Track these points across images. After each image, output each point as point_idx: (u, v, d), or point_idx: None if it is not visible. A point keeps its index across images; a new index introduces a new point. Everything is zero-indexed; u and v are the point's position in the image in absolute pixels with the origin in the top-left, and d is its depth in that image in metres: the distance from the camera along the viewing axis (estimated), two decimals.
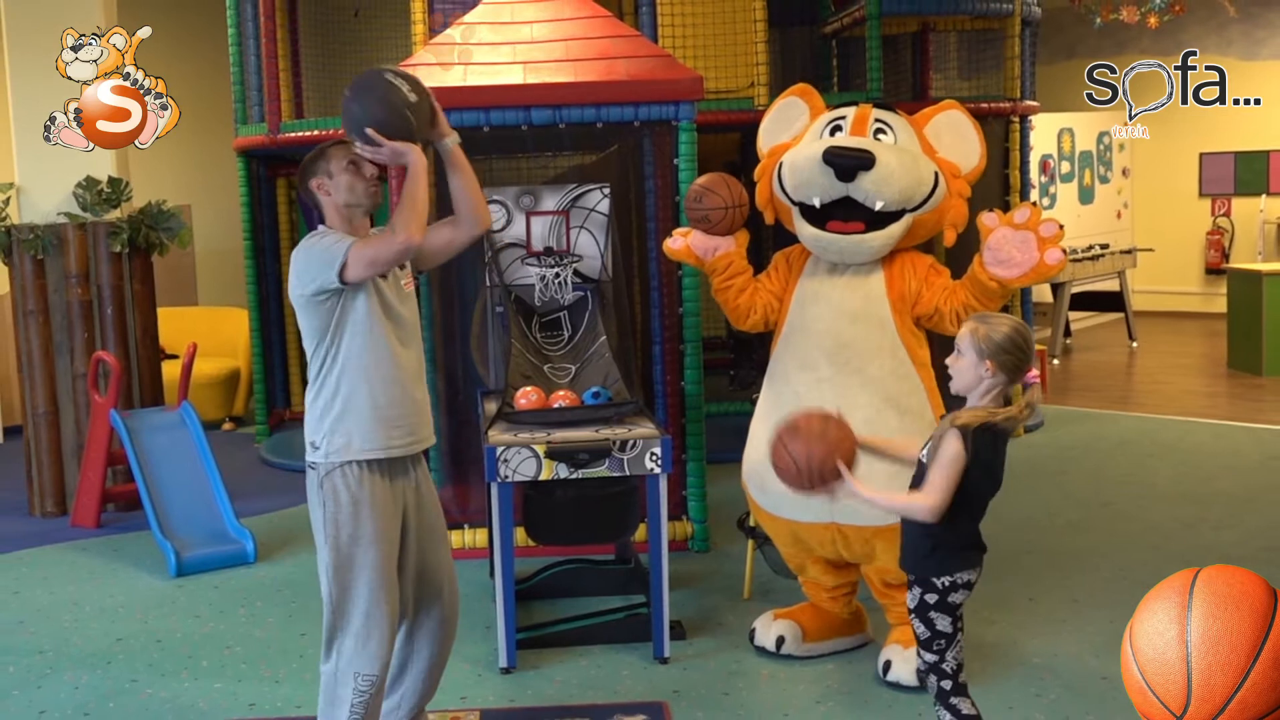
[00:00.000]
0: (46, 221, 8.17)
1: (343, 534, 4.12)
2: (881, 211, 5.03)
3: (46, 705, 5.20)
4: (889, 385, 5.04)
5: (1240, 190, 15.96)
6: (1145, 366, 12.92)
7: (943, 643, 3.97)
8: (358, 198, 4.29)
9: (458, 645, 5.63)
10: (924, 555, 3.98)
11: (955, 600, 3.95)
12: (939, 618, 3.96)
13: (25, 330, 8.25)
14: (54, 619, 6.27)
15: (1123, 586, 6.18)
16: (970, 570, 3.98)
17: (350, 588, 4.13)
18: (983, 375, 3.87)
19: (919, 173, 5.07)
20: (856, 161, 4.98)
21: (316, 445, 4.17)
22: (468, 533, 6.83)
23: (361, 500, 4.13)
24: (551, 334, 6.19)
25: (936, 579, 3.95)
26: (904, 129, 5.23)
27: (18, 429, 9.18)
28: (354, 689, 4.13)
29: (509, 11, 6.77)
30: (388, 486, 4.20)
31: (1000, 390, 3.91)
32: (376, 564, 4.14)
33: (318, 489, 4.17)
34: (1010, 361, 3.86)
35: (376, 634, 4.13)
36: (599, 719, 4.86)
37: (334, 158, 4.29)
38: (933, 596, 3.96)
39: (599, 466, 5.22)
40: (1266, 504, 7.53)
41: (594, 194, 6.27)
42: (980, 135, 5.21)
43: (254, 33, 9.82)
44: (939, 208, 5.12)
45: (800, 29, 10.28)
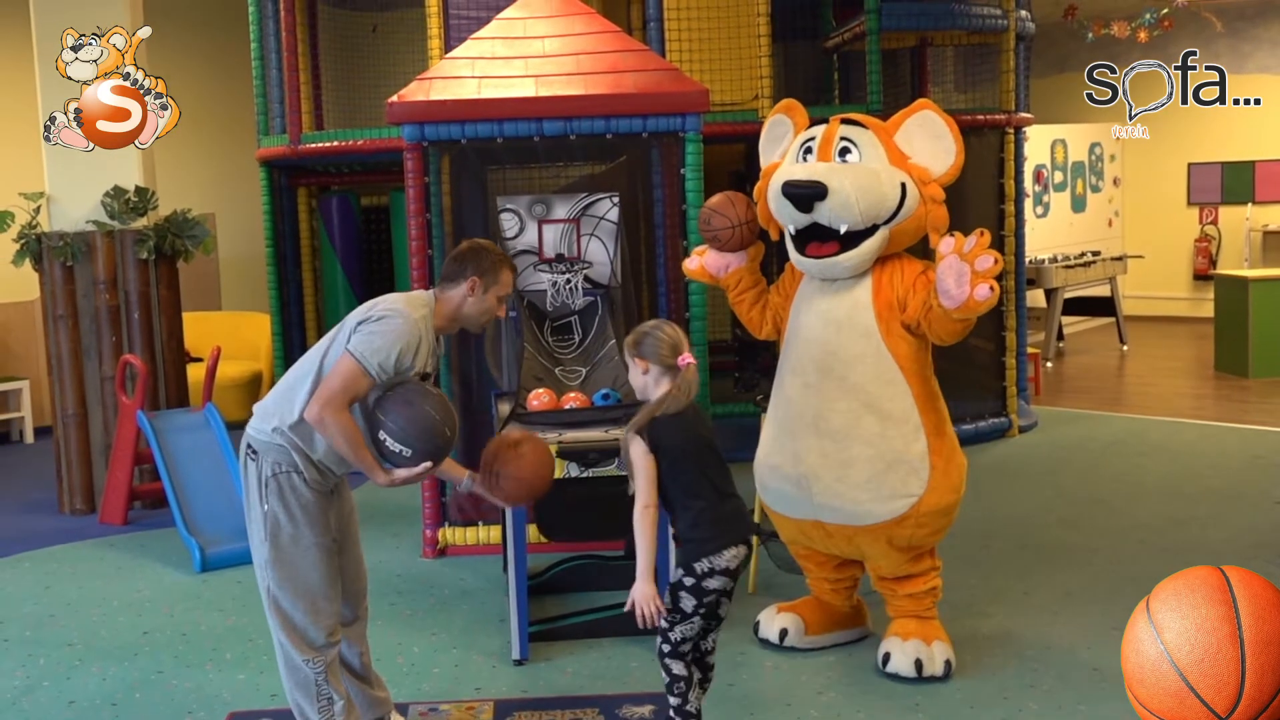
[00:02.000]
0: (76, 229, 8.19)
1: (284, 533, 4.15)
2: (850, 232, 5.02)
3: (75, 695, 5.20)
4: (870, 391, 5.00)
5: (1227, 199, 15.95)
6: (1135, 369, 12.90)
7: (676, 617, 4.14)
8: (476, 323, 4.38)
9: (473, 638, 5.68)
10: (684, 540, 4.18)
11: (710, 585, 4.11)
12: (685, 597, 4.13)
13: (55, 334, 8.27)
14: (83, 613, 6.28)
15: (1114, 581, 6.17)
16: (725, 554, 4.10)
17: (288, 579, 4.16)
18: (641, 374, 4.16)
19: (879, 190, 4.99)
20: (810, 192, 4.98)
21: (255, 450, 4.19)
22: (482, 530, 6.84)
23: (306, 501, 4.16)
24: (563, 338, 6.19)
25: (695, 563, 4.11)
26: (870, 144, 5.11)
27: (48, 429, 9.19)
28: (311, 671, 4.21)
29: (521, 27, 6.78)
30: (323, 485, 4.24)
31: (666, 381, 4.14)
32: (317, 560, 4.19)
33: (258, 484, 4.17)
34: (653, 350, 4.12)
35: (321, 620, 4.20)
36: (608, 709, 4.86)
37: (505, 283, 4.34)
38: (689, 579, 4.13)
39: (608, 465, 5.23)
40: (1252, 501, 7.52)
41: (604, 203, 6.27)
42: (955, 132, 5.06)
43: (276, 48, 9.84)
44: (915, 215, 5.05)
45: (803, 43, 10.27)
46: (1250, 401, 10.77)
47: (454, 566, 6.77)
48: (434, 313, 4.24)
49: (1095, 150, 15.24)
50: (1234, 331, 12.02)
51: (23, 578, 6.90)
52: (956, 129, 5.05)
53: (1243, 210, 15.80)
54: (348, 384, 4.01)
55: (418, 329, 4.11)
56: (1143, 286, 16.00)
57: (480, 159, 6.81)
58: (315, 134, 9.66)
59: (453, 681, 5.21)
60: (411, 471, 4.08)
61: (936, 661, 5.01)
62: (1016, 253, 9.57)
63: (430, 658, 5.49)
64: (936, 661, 5.01)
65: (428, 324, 4.18)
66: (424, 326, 4.15)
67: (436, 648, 5.61)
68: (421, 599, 6.27)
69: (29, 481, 9.32)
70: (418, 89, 6.51)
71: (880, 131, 5.14)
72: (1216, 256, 15.97)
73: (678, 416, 4.11)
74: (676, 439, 4.11)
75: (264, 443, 4.17)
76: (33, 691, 5.26)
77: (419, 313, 4.15)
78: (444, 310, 4.28)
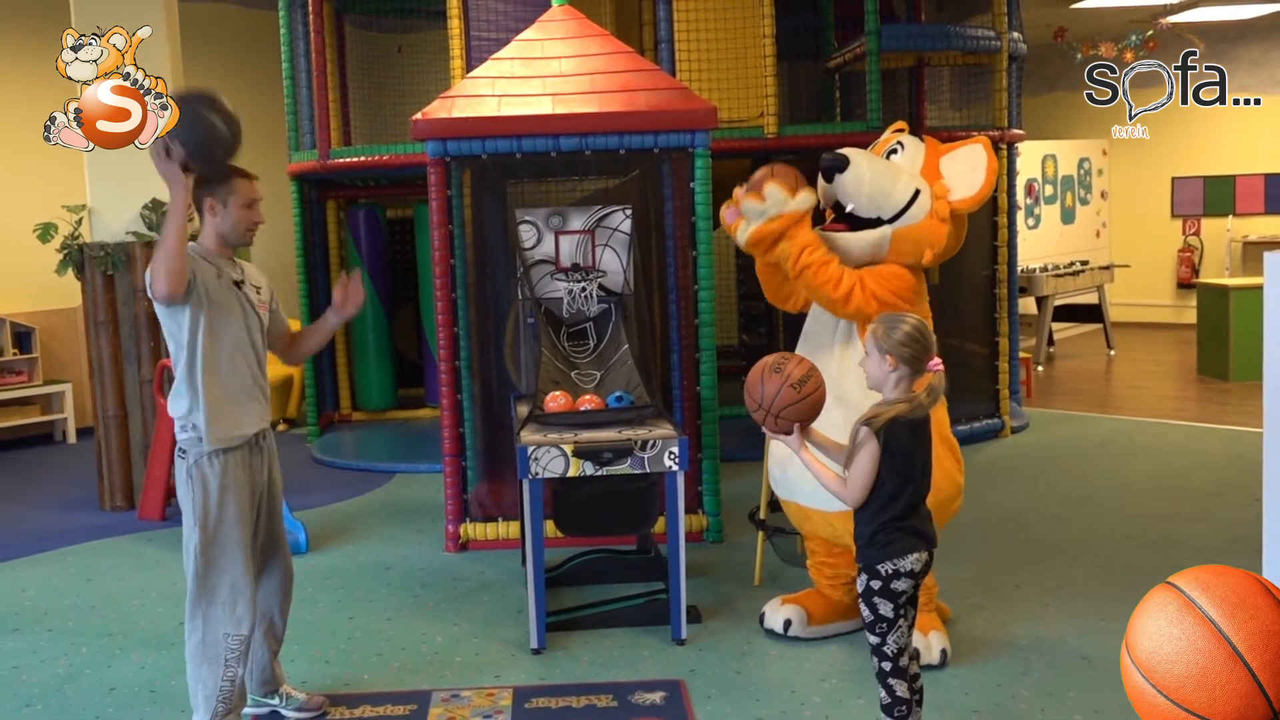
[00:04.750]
0: (116, 240, 8.20)
1: (210, 517, 4.26)
2: (856, 215, 5.11)
3: (116, 683, 5.21)
4: (838, 380, 4.99)
5: (1209, 211, 15.92)
6: (1122, 373, 12.87)
7: (884, 627, 3.94)
8: (240, 236, 4.47)
9: (492, 628, 5.67)
10: (864, 544, 3.98)
11: (897, 587, 3.92)
12: (881, 603, 3.93)
13: (96, 340, 8.28)
14: (122, 604, 6.28)
15: (1102, 574, 6.16)
16: (909, 558, 3.92)
17: (215, 561, 4.28)
18: (887, 370, 3.92)
19: (891, 184, 5.11)
20: (833, 163, 5.13)
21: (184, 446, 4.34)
22: (501, 525, 6.83)
23: (227, 485, 4.29)
24: (578, 343, 6.19)
25: (879, 565, 3.93)
26: (914, 150, 5.29)
27: (89, 430, 9.21)
28: (225, 648, 4.31)
29: (539, 48, 6.78)
30: (245, 466, 4.36)
31: (907, 381, 3.93)
32: (239, 540, 4.30)
33: (185, 476, 4.30)
34: (908, 354, 3.89)
35: (242, 600, 4.31)
36: (621, 695, 4.85)
37: (240, 190, 4.42)
38: (876, 583, 3.94)
39: (622, 464, 5.22)
40: (1234, 499, 7.50)
41: (617, 214, 6.27)
42: (993, 172, 5.11)
43: (306, 68, 9.86)
44: (918, 224, 5.10)
45: (806, 63, 10.27)
46: (1231, 404, 10.75)
47: (475, 560, 6.77)
48: (199, 247, 4.38)
49: (1084, 165, 15.24)
50: (1215, 337, 12.01)
51: (65, 571, 6.91)
52: (995, 170, 5.13)
53: (1223, 222, 15.77)
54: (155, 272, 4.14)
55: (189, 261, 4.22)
56: (1129, 294, 15.96)
57: (500, 173, 6.81)
58: (343, 149, 9.68)
59: (474, 669, 5.21)
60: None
61: (933, 650, 5.00)
62: (1009, 262, 9.56)
63: (453, 647, 5.49)
64: (933, 650, 5.00)
65: (195, 260, 4.28)
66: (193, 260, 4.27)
67: (458, 637, 5.61)
68: (444, 591, 6.27)
69: (71, 480, 9.33)
70: (441, 107, 6.52)
71: (931, 147, 5.31)
72: (1199, 266, 15.93)
73: (916, 422, 3.91)
74: (907, 445, 3.89)
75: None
76: (75, 679, 5.27)
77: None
78: (207, 240, 4.43)
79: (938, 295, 9.12)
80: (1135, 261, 15.66)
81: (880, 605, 3.93)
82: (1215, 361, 12.04)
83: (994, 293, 9.48)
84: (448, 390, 6.76)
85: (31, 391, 10.79)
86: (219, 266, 4.38)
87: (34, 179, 10.63)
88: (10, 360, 10.65)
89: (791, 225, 4.98)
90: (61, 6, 8.13)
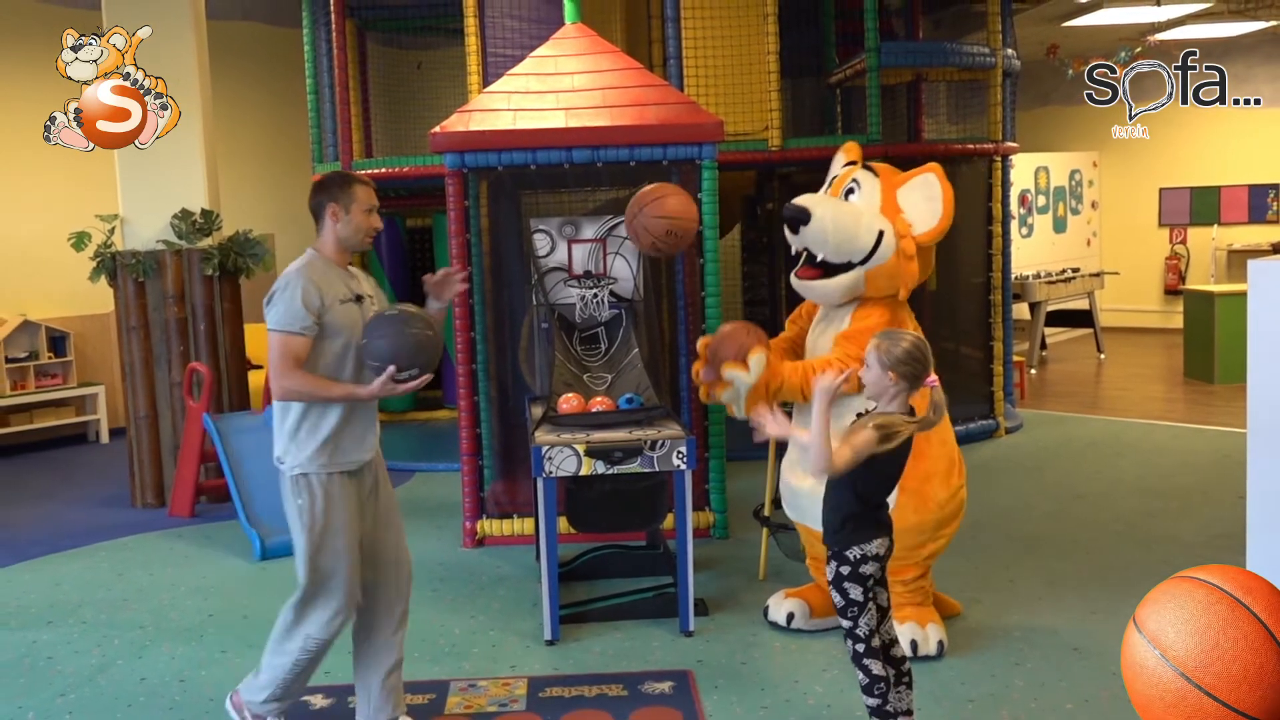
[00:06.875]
0: (147, 248, 8.22)
1: (316, 525, 4.16)
2: (828, 262, 5.09)
3: (147, 673, 5.22)
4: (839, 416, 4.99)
5: (1195, 221, 15.90)
6: (1112, 376, 12.85)
7: (855, 610, 3.97)
8: (358, 241, 4.33)
9: (507, 620, 5.67)
10: (835, 530, 4.01)
11: (865, 571, 3.96)
12: (852, 587, 3.97)
13: (128, 344, 8.30)
14: (153, 597, 6.29)
15: (1093, 568, 6.14)
16: (874, 542, 3.97)
17: (323, 570, 4.17)
18: (888, 384, 3.93)
19: (855, 229, 5.04)
20: (795, 215, 5.08)
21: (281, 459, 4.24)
22: (516, 521, 6.84)
23: (333, 496, 4.18)
24: (590, 347, 6.19)
25: (847, 552, 3.96)
26: (871, 189, 5.19)
27: (122, 431, 9.24)
28: (302, 647, 4.23)
29: (553, 64, 6.78)
30: (350, 483, 4.24)
31: (904, 395, 3.95)
32: (344, 551, 4.18)
33: (291, 486, 4.21)
34: (909, 371, 3.91)
35: (342, 614, 4.20)
36: (631, 685, 4.85)
37: (360, 197, 4.28)
38: (846, 568, 3.97)
39: (632, 463, 5.22)
40: (1218, 497, 7.48)
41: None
42: (949, 201, 5.05)
43: (329, 82, 9.86)
44: (887, 264, 5.06)
45: (809, 79, 10.27)
46: (1216, 405, 10.72)
47: (491, 555, 6.77)
48: (319, 255, 4.24)
49: (1075, 176, 15.23)
50: (1201, 341, 11.99)
51: (98, 566, 6.92)
52: (951, 198, 5.05)
53: (1209, 231, 15.75)
54: (284, 352, 4.06)
55: (302, 275, 4.12)
56: (1118, 300, 15.96)
57: (515, 184, 6.82)
58: (365, 161, 9.67)
59: (490, 660, 5.21)
60: (385, 375, 4.08)
61: (930, 642, 5.00)
62: (1003, 269, 9.55)
63: (469, 639, 5.49)
64: (930, 642, 5.00)
65: (313, 268, 4.17)
66: (309, 271, 4.15)
67: (475, 629, 5.61)
68: (461, 585, 6.27)
69: (104, 478, 9.35)
70: (458, 120, 6.52)
71: (886, 180, 5.21)
72: (1185, 273, 15.91)
73: (909, 440, 3.94)
74: (896, 462, 3.97)
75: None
76: (108, 669, 5.28)
77: (297, 265, 4.18)
78: (326, 247, 4.28)
79: (935, 301, 9.17)
80: (1124, 269, 15.66)
81: (850, 590, 3.97)
82: (1201, 365, 12.02)
83: (989, 299, 9.48)
84: (465, 392, 6.76)
85: (66, 393, 10.81)
86: (344, 284, 4.24)
87: (68, 190, 10.65)
88: (46, 363, 10.68)
89: (767, 385, 4.95)
90: (96, 21, 8.14)
